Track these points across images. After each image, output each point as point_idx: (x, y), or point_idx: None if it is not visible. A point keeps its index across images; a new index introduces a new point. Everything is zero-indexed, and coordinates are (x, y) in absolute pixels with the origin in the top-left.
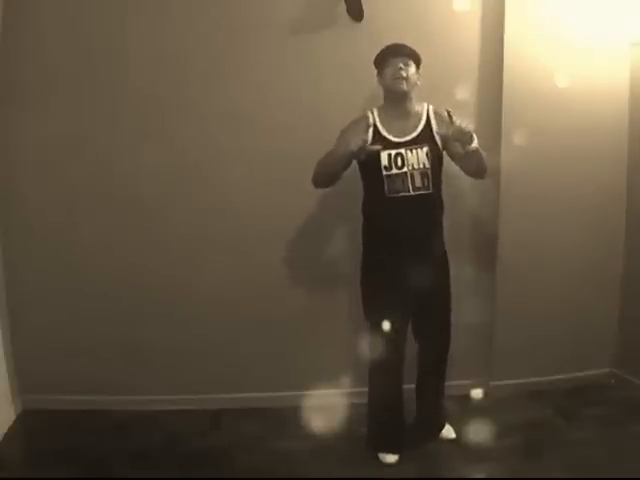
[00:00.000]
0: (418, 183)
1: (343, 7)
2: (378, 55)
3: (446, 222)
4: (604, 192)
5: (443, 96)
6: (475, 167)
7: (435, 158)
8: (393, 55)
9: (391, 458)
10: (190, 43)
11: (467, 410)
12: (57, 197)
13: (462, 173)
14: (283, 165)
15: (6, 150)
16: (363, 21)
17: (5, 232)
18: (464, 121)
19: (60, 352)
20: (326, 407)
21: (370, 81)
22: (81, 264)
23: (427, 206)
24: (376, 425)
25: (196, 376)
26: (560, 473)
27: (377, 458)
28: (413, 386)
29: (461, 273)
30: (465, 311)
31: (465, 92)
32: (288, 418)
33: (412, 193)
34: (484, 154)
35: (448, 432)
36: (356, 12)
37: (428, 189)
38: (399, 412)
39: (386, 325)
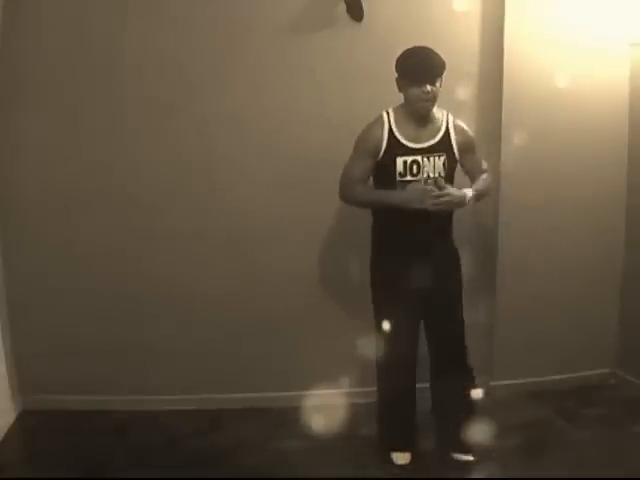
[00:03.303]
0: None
1: (343, 7)
2: (402, 67)
3: None
4: (604, 192)
5: (443, 96)
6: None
7: (450, 167)
8: (418, 79)
9: (403, 458)
10: (189, 43)
11: None
12: (57, 197)
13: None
14: (283, 165)
15: (6, 150)
16: (363, 21)
17: (5, 232)
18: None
19: (60, 352)
20: (326, 407)
21: (370, 81)
22: (81, 264)
23: (438, 213)
24: (385, 425)
25: (196, 376)
26: (560, 473)
27: (377, 458)
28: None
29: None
30: (465, 311)
31: (465, 92)
32: (288, 418)
33: None
34: (487, 185)
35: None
36: (356, 12)
37: None
38: (409, 410)
39: (396, 323)
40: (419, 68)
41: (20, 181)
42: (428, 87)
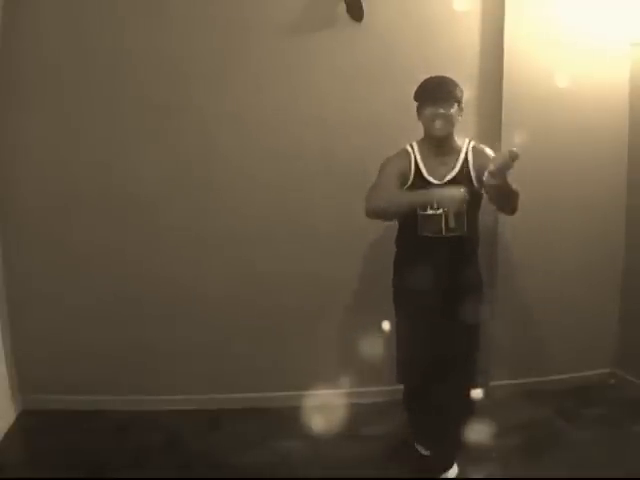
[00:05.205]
0: (452, 224)
1: (343, 7)
2: (418, 92)
3: None
4: (604, 192)
5: None
6: (503, 202)
7: (472, 197)
8: (432, 99)
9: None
10: (189, 43)
11: None
12: (57, 197)
13: None
14: (282, 165)
15: (6, 150)
16: (363, 21)
17: (5, 232)
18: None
19: (60, 352)
20: (326, 407)
21: (370, 81)
22: (80, 264)
23: (460, 246)
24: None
25: (196, 376)
26: (560, 473)
27: (376, 458)
28: None
29: None
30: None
31: (465, 92)
32: (288, 418)
33: (445, 235)
34: (517, 193)
35: (452, 472)
36: (356, 12)
37: (462, 230)
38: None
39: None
40: (432, 88)
41: (20, 181)
42: (441, 109)
